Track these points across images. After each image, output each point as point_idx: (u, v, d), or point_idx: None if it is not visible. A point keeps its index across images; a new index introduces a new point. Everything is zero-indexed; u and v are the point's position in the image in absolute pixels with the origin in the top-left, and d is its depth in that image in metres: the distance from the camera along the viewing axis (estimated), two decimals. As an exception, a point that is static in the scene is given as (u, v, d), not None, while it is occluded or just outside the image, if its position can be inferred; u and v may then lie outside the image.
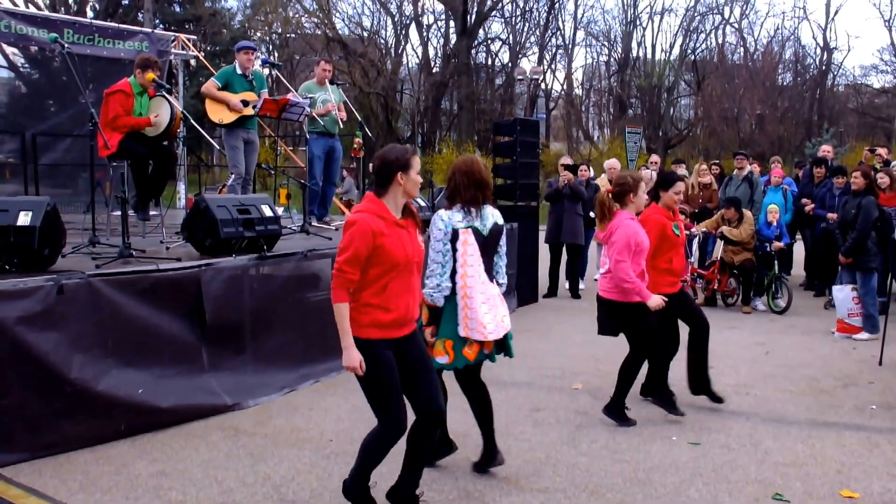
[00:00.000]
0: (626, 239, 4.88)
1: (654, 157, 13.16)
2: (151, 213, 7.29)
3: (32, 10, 20.73)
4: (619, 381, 5.08)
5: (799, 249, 11.07)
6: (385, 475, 3.73)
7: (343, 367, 3.34)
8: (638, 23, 43.27)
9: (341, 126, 8.66)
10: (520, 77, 34.85)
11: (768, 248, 9.27)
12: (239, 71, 7.58)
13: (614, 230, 4.97)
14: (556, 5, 42.29)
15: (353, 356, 3.31)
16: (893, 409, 5.45)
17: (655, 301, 4.87)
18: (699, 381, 5.51)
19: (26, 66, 12.33)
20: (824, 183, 10.06)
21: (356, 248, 3.26)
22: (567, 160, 10.90)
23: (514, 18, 42.59)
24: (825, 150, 11.38)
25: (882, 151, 10.97)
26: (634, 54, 43.50)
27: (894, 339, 6.75)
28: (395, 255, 3.32)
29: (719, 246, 9.47)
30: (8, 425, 4.19)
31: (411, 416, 3.55)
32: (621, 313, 5.00)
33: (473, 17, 39.74)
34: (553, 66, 44.64)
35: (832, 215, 9.28)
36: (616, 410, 5.08)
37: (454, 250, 3.90)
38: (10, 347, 4.17)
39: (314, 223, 8.18)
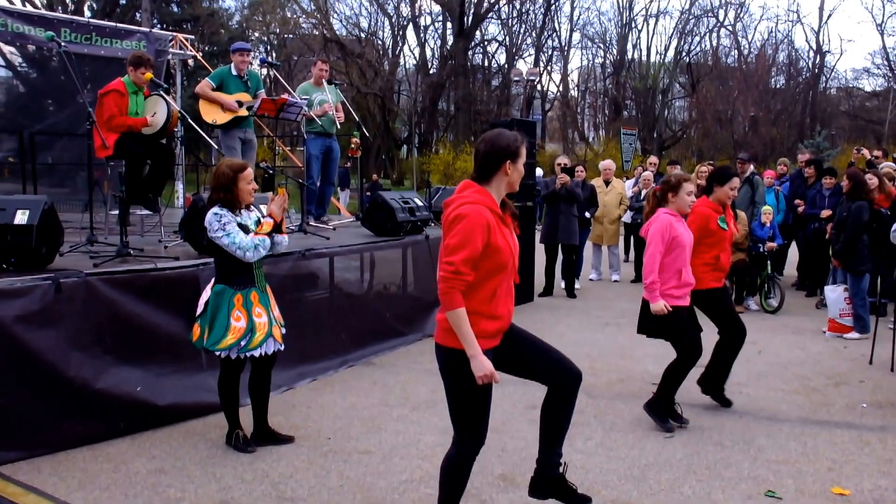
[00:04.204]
0: (659, 232, 4.80)
1: (653, 158, 13.21)
2: (143, 212, 7.28)
3: (30, 8, 20.69)
4: (661, 382, 5.09)
5: (794, 250, 11.12)
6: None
7: (477, 377, 2.94)
8: (633, 25, 43.57)
9: (339, 126, 8.68)
10: (516, 78, 34.97)
11: (761, 249, 9.33)
12: (234, 72, 7.57)
13: (650, 226, 4.94)
14: (553, 7, 42.58)
15: (484, 364, 2.92)
16: (884, 408, 5.51)
17: (658, 306, 4.78)
18: (715, 382, 5.51)
19: (24, 65, 12.29)
20: (815, 185, 10.13)
21: (473, 244, 2.87)
22: (564, 160, 10.94)
23: (510, 20, 42.83)
24: (802, 160, 11.35)
25: (866, 151, 11.05)
26: (630, 56, 43.76)
27: (884, 339, 6.80)
28: (505, 255, 2.97)
29: (713, 246, 9.52)
30: (6, 423, 4.21)
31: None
32: (660, 317, 4.86)
33: (470, 18, 39.87)
34: (549, 68, 44.97)
35: (826, 212, 9.35)
36: (658, 410, 5.06)
37: None
38: (9, 346, 4.19)
39: (312, 222, 8.20)
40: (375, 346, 6.98)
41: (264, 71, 10.60)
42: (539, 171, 10.93)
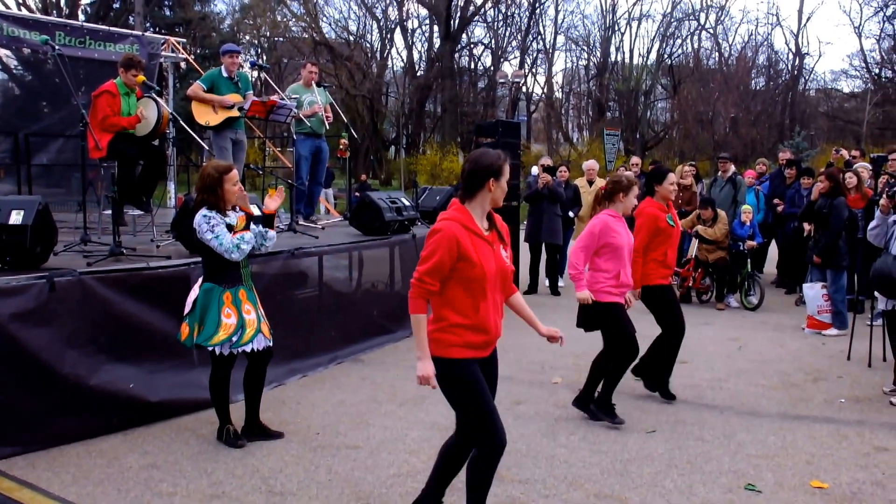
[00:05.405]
0: (589, 230, 5.00)
1: (635, 159, 13.35)
2: (136, 212, 7.30)
3: (25, 13, 20.61)
4: (595, 378, 5.19)
5: (774, 248, 11.27)
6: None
7: (417, 377, 3.12)
8: (616, 28, 43.78)
9: (327, 127, 8.76)
10: (502, 80, 35.04)
11: (741, 247, 9.48)
12: (224, 74, 7.65)
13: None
14: (537, 11, 42.73)
15: (427, 367, 3.10)
16: (861, 403, 5.62)
17: (583, 295, 4.96)
18: (658, 376, 5.69)
19: (19, 67, 12.23)
20: (794, 184, 10.31)
21: (440, 257, 3.06)
22: (547, 160, 11.07)
23: (496, 23, 42.98)
24: (783, 158, 11.52)
25: (844, 152, 11.22)
26: (613, 59, 44.00)
27: (862, 335, 6.92)
28: (477, 270, 3.09)
29: (694, 244, 9.70)
30: (1, 420, 4.26)
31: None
32: (596, 312, 5.03)
33: (457, 21, 39.98)
34: (534, 70, 45.08)
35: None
36: (602, 408, 5.15)
37: None
38: (3, 344, 4.24)
39: (301, 222, 8.26)
40: (364, 344, 7.06)
41: (254, 73, 10.63)
42: (534, 170, 11.16)
